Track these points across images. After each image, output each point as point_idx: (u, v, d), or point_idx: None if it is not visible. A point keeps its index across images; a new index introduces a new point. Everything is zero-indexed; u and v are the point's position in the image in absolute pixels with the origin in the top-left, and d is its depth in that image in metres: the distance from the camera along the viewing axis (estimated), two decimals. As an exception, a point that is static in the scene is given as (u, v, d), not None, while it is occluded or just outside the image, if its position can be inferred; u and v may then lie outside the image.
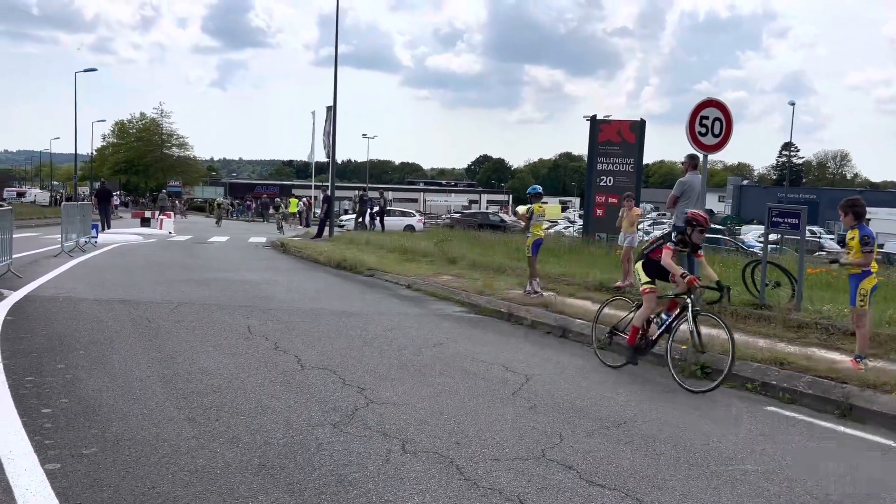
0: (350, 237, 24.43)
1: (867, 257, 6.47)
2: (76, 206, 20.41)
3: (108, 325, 8.04)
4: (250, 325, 8.37)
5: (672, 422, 5.37)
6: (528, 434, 4.89)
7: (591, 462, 4.40)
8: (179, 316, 8.83)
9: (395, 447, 4.50)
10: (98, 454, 4.17)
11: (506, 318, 9.73)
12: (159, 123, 77.48)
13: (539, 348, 7.94)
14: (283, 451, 4.35)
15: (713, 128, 9.77)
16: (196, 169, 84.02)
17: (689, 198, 10.28)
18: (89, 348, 6.88)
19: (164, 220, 30.07)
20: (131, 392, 5.46)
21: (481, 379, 6.36)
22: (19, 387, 5.43)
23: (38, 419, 4.72)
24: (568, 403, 5.71)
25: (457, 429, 4.92)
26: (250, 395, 5.49)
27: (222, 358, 6.70)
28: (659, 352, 7.39)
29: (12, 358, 6.32)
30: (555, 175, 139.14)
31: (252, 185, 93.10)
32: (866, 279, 6.50)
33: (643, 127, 19.34)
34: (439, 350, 7.54)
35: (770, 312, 8.87)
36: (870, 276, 6.51)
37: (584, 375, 6.74)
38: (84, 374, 5.93)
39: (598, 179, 18.94)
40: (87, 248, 18.23)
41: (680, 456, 4.62)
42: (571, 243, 19.26)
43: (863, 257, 6.48)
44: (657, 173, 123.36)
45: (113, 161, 75.73)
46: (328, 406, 5.31)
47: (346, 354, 7.08)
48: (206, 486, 3.80)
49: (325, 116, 31.73)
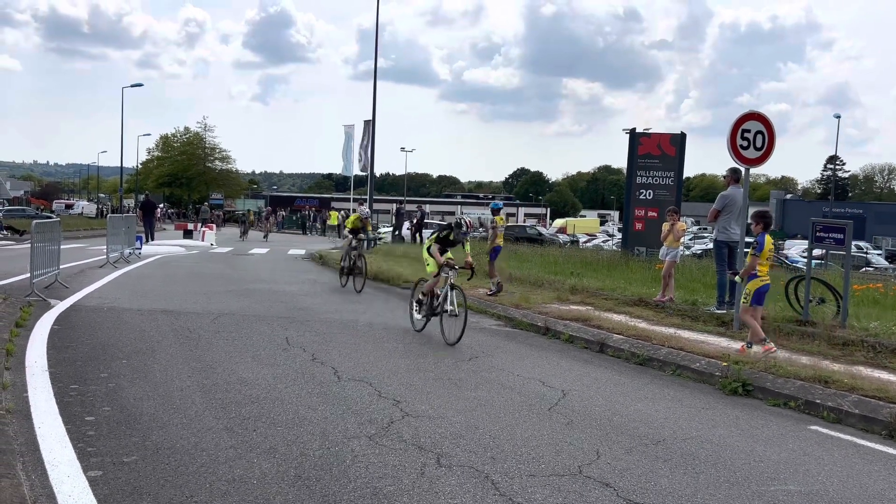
0: (387, 250, 24.55)
1: (752, 259, 7.67)
2: (121, 218, 20.90)
3: (150, 335, 8.19)
4: (288, 337, 8.45)
5: (712, 440, 5.27)
6: (565, 450, 4.84)
7: (629, 480, 4.34)
8: (219, 326, 8.96)
9: (430, 461, 4.49)
10: (139, 462, 4.24)
11: (542, 332, 9.67)
12: (203, 137, 79.05)
13: (576, 363, 7.87)
14: (319, 462, 4.37)
15: (755, 141, 9.60)
16: (238, 182, 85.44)
17: (731, 211, 10.13)
18: (132, 358, 7.01)
19: (206, 232, 30.62)
20: (171, 401, 5.54)
21: (517, 393, 6.33)
22: (64, 394, 5.56)
23: (81, 426, 4.82)
24: (605, 419, 5.64)
25: (492, 443, 4.89)
26: (287, 406, 5.53)
27: (260, 368, 6.77)
28: (700, 368, 7.28)
29: (58, 366, 6.48)
30: (593, 188, 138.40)
31: (292, 197, 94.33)
32: (752, 281, 7.70)
33: (683, 140, 19.13)
34: (475, 363, 7.51)
35: (814, 329, 8.67)
36: (755, 279, 7.67)
37: (622, 391, 6.65)
38: (126, 382, 6.05)
39: (638, 193, 18.76)
40: (131, 259, 18.63)
41: (720, 475, 4.52)
42: (610, 257, 19.08)
43: (749, 261, 7.73)
44: (698, 187, 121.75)
45: (157, 174, 77.39)
46: (364, 418, 5.32)
47: (382, 367, 7.10)
48: (242, 496, 3.84)
49: (363, 130, 32.06)
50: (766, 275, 7.75)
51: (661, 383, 7.08)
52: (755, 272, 7.68)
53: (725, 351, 7.67)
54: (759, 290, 7.73)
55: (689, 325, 9.19)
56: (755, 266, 7.67)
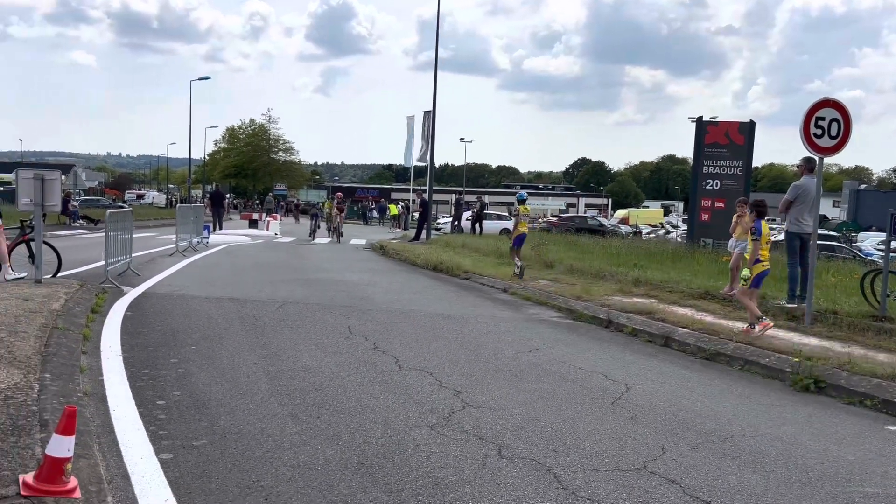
0: (446, 240, 24.60)
1: (753, 245, 8.14)
2: (190, 209, 21.49)
3: (218, 322, 8.40)
4: (350, 325, 8.55)
5: (783, 438, 5.10)
6: (629, 445, 4.76)
7: (696, 477, 4.23)
8: (284, 314, 9.12)
9: (491, 452, 4.47)
10: (207, 446, 4.35)
11: (605, 324, 9.53)
12: (267, 129, 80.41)
13: (640, 357, 7.73)
14: (382, 450, 4.41)
15: (829, 129, 9.24)
16: (301, 173, 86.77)
17: (804, 202, 9.79)
18: (200, 344, 7.20)
19: (270, 222, 31.26)
20: (238, 387, 5.67)
21: (579, 386, 6.25)
22: (136, 379, 5.75)
23: (152, 410, 4.98)
24: (671, 415, 5.52)
25: (554, 436, 4.84)
26: (350, 394, 5.60)
27: (324, 356, 6.87)
28: (770, 363, 7.07)
29: (131, 351, 6.70)
30: (657, 178, 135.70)
31: (353, 188, 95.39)
32: (755, 265, 8.09)
33: (752, 128, 18.54)
34: (535, 355, 7.46)
35: (892, 325, 8.30)
36: (757, 264, 8.08)
37: (688, 387, 6.50)
38: (195, 368, 6.21)
39: (704, 183, 18.29)
40: (199, 247, 19.14)
41: (791, 475, 4.38)
42: (675, 249, 18.68)
43: (751, 247, 8.17)
44: (766, 177, 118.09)
45: (224, 165, 79.16)
46: (425, 408, 5.34)
47: (443, 356, 7.12)
48: (307, 481, 3.90)
49: (423, 120, 32.14)
50: (767, 260, 8.20)
51: (728, 379, 6.90)
52: (758, 257, 8.08)
53: (796, 347, 7.42)
54: (760, 274, 8.15)
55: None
56: (758, 252, 8.08)
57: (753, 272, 8.16)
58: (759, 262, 8.12)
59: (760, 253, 8.13)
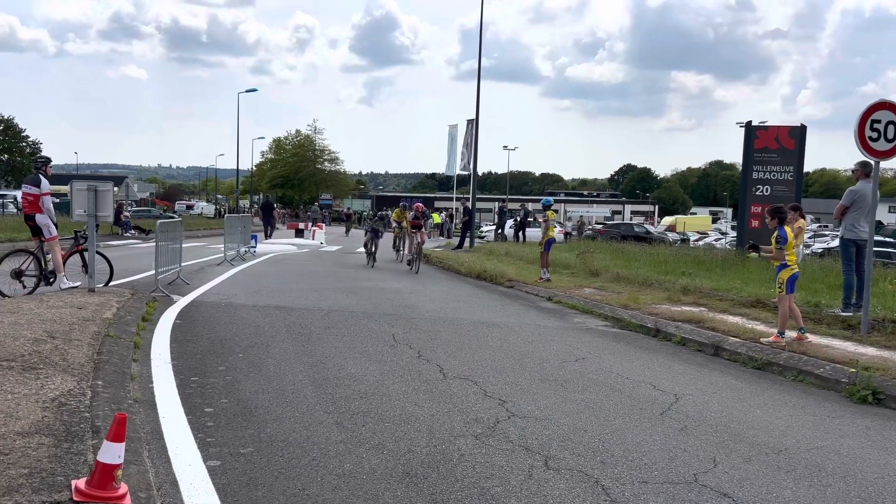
0: (490, 248, 24.53)
1: (778, 252, 8.04)
2: (238, 218, 21.84)
3: (265, 330, 8.49)
4: (395, 333, 8.56)
5: (840, 451, 4.93)
6: (679, 457, 4.64)
7: (749, 490, 4.11)
8: (329, 322, 9.18)
9: (537, 463, 4.41)
10: (254, 454, 4.38)
11: (652, 333, 9.36)
12: (313, 140, 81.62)
13: (689, 366, 7.57)
14: (427, 460, 4.38)
15: (885, 132, 8.95)
16: (346, 183, 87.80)
17: (860, 208, 9.50)
18: (247, 351, 7.28)
19: (316, 232, 31.60)
20: (284, 395, 5.71)
21: (627, 396, 6.14)
22: (185, 386, 5.84)
23: (201, 417, 5.04)
24: (722, 426, 5.38)
25: (602, 447, 4.76)
26: (395, 402, 5.59)
27: (369, 364, 6.88)
28: (825, 373, 6.86)
29: (180, 359, 6.81)
30: (704, 184, 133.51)
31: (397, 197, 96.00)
32: (784, 270, 8.00)
33: (804, 133, 18.10)
34: (582, 365, 7.36)
35: (955, 335, 7.98)
36: (787, 268, 8.00)
37: (739, 397, 6.33)
38: (242, 376, 6.28)
39: (754, 189, 17.92)
40: (246, 257, 19.43)
41: (850, 489, 4.22)
42: (724, 256, 18.31)
43: (776, 253, 8.06)
44: (818, 182, 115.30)
45: (270, 176, 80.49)
46: (470, 417, 5.30)
47: (487, 365, 7.07)
48: (352, 490, 3.89)
49: (466, 129, 32.16)
50: (795, 264, 8.19)
51: (781, 389, 6.70)
52: (785, 262, 8.01)
53: (853, 356, 7.18)
54: (791, 278, 8.04)
55: (811, 328, 8.66)
56: (784, 257, 8.02)
57: (784, 277, 8.02)
58: (787, 266, 8.02)
59: (788, 257, 8.03)
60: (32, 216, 10.22)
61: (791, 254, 8.11)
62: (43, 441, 3.88)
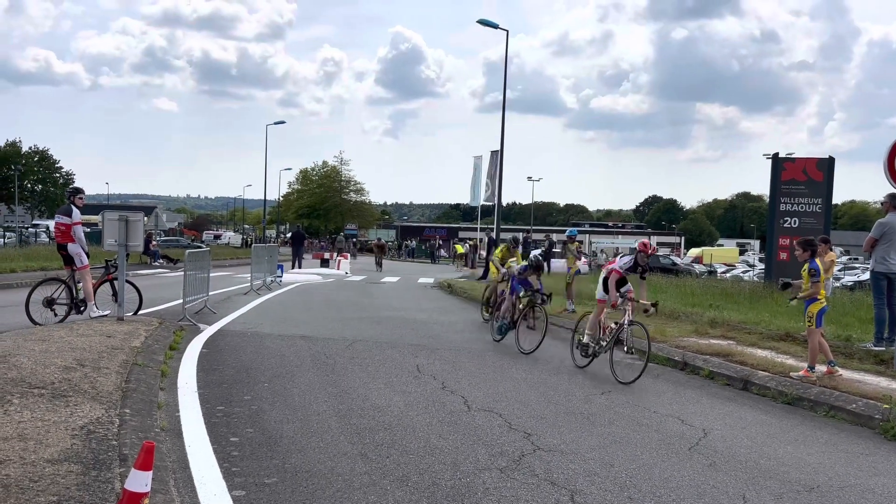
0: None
1: (814, 287, 7.86)
2: (264, 248, 22.06)
3: (290, 360, 8.53)
4: (419, 364, 8.54)
5: (874, 490, 4.80)
6: (708, 493, 4.56)
7: (781, 529, 4.02)
8: (354, 353, 9.20)
9: (563, 498, 4.36)
10: (278, 484, 4.38)
11: (680, 367, 9.25)
12: (339, 171, 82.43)
13: (717, 401, 7.46)
14: (451, 493, 4.35)
15: (916, 164, 8.84)
16: (371, 213, 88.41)
17: (891, 240, 9.36)
18: (273, 381, 7.31)
19: (341, 261, 31.80)
20: (309, 425, 5.71)
21: (654, 431, 6.06)
22: (211, 415, 5.87)
23: (226, 447, 5.06)
24: (751, 462, 5.28)
25: (629, 483, 4.69)
26: (419, 434, 5.57)
27: (393, 395, 6.87)
28: (857, 409, 6.72)
29: (206, 388, 6.86)
30: (731, 216, 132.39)
31: (422, 227, 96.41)
32: (813, 304, 7.88)
33: (832, 165, 17.93)
34: (608, 398, 7.28)
35: None
36: (816, 302, 7.88)
37: (769, 433, 6.22)
38: (267, 405, 6.30)
39: (782, 221, 17.73)
40: (272, 286, 19.58)
41: (886, 530, 4.11)
42: (752, 288, 18.08)
43: (813, 287, 7.86)
44: (847, 214, 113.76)
45: (297, 206, 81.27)
46: (495, 450, 5.26)
47: (512, 398, 7.02)
48: (376, 523, 3.86)
49: (490, 160, 32.34)
50: (824, 297, 8.11)
51: (812, 425, 6.57)
52: (816, 296, 7.92)
53: (886, 392, 7.03)
54: (820, 312, 7.96)
55: (842, 362, 8.50)
56: (819, 292, 7.93)
57: (813, 311, 7.91)
58: (817, 300, 7.93)
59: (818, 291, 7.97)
60: (65, 245, 10.42)
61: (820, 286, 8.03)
62: (72, 469, 3.92)
